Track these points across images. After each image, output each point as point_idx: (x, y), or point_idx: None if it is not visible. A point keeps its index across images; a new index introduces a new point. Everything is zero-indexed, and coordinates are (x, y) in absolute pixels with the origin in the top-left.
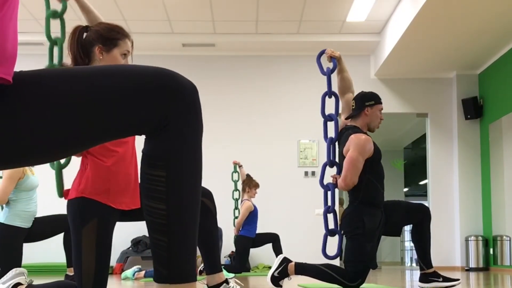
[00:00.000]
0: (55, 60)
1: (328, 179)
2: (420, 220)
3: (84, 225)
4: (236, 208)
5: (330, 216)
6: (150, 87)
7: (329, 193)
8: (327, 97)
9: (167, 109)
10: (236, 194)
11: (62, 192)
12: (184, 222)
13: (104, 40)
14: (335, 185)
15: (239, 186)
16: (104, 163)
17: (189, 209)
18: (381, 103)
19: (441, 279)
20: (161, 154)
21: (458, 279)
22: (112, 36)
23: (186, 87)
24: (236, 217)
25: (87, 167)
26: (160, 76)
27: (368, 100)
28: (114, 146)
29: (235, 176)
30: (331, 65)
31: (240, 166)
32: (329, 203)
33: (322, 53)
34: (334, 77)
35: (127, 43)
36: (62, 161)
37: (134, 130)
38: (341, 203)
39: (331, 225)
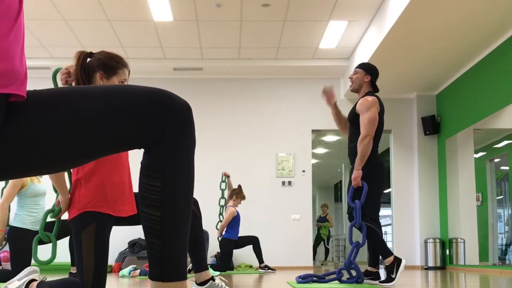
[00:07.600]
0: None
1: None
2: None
3: (83, 228)
4: (220, 213)
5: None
6: (149, 106)
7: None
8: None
9: (165, 126)
10: (222, 201)
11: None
12: (176, 228)
13: (105, 67)
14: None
15: (226, 194)
16: (97, 175)
17: (181, 216)
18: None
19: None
20: (158, 166)
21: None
22: (112, 65)
23: (182, 106)
24: (221, 221)
25: (81, 183)
26: (158, 96)
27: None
28: (102, 159)
29: (223, 185)
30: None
31: (228, 177)
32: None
33: None
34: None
35: (125, 72)
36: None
37: (134, 145)
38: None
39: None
